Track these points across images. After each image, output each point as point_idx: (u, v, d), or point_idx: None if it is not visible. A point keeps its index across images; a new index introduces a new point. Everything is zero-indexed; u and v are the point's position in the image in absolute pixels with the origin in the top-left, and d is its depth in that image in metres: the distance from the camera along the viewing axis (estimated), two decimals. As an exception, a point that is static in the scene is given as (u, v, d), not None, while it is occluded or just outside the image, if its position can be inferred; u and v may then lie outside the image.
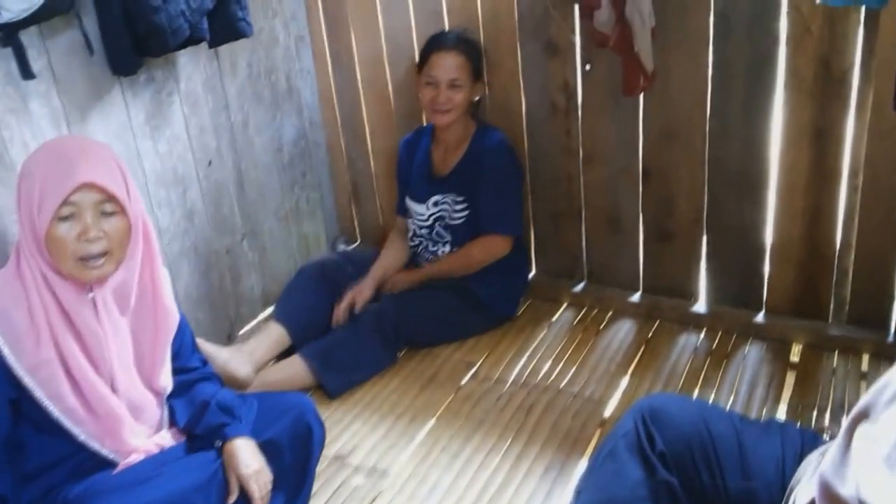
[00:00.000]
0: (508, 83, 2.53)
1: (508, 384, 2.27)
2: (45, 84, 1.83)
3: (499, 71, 2.53)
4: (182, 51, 2.13)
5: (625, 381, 2.25)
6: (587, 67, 2.36)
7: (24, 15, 1.55)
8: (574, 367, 2.32)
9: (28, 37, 1.76)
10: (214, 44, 2.13)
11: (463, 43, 2.39)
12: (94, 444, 1.52)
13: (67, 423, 1.48)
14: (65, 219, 1.43)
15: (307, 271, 2.53)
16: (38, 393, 1.44)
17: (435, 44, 2.40)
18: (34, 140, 1.82)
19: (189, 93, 2.27)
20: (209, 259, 2.44)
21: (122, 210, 1.49)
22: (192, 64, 2.26)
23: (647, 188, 2.45)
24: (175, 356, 1.69)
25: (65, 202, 1.42)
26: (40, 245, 1.45)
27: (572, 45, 2.35)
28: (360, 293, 2.43)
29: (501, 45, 2.49)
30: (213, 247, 2.45)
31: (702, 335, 2.43)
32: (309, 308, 2.41)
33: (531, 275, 2.73)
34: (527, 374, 2.31)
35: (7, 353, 1.41)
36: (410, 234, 2.60)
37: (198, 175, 2.34)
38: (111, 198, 1.46)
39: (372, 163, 2.94)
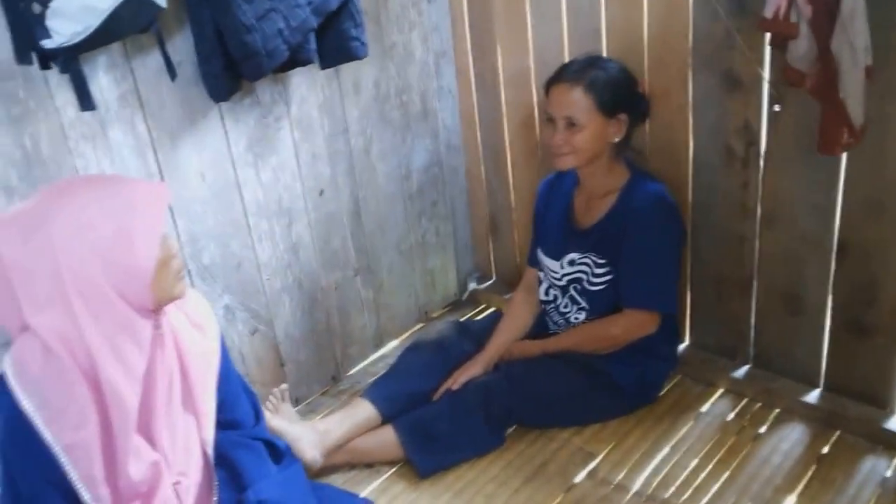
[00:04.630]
0: (675, 120, 2.09)
1: (631, 494, 1.86)
2: (130, 109, 1.66)
3: (663, 104, 2.09)
4: (296, 70, 1.91)
5: (782, 513, 1.79)
6: (776, 108, 1.88)
7: (78, 39, 1.35)
8: (719, 483, 1.87)
9: (111, 57, 1.60)
10: (325, 65, 1.88)
11: (587, 74, 1.92)
12: None
13: None
14: None
15: (420, 351, 2.19)
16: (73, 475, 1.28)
17: (556, 76, 1.98)
18: (113, 171, 1.65)
19: (301, 117, 2.04)
20: (314, 295, 2.22)
21: None
22: (306, 84, 2.03)
23: (841, 266, 1.93)
24: (219, 407, 1.51)
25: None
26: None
27: (759, 78, 1.89)
28: (466, 371, 2.09)
29: (669, 73, 2.05)
30: (319, 283, 2.22)
31: (893, 461, 1.90)
32: (410, 395, 2.08)
33: (682, 346, 2.28)
34: (656, 482, 1.89)
35: (44, 430, 1.24)
36: (544, 287, 2.21)
37: (306, 206, 2.12)
38: None
39: (512, 195, 2.60)
